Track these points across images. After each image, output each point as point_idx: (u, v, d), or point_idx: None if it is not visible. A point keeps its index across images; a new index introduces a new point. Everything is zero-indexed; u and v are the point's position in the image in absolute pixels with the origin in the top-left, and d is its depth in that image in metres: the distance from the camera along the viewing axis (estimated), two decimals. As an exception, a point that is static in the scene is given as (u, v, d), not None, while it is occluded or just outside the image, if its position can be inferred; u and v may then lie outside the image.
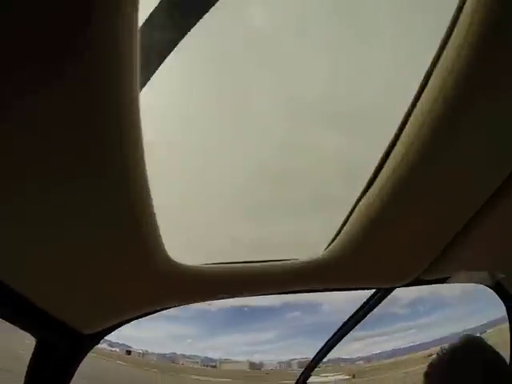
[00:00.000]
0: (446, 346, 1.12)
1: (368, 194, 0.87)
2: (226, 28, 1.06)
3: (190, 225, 1.36)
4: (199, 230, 1.44)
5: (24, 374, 1.01)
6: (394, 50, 1.04)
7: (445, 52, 0.58)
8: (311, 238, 1.43)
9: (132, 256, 0.79)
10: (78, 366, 1.08)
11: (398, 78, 1.02)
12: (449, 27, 0.56)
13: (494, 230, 0.99)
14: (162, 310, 1.12)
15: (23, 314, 0.84)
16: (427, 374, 1.11)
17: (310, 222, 1.39)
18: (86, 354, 1.09)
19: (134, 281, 0.90)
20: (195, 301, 1.13)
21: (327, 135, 1.23)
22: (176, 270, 0.91)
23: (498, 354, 1.08)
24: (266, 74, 1.13)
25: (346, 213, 0.99)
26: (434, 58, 0.60)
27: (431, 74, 0.61)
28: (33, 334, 0.97)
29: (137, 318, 1.09)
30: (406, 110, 0.70)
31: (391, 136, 0.78)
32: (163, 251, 0.83)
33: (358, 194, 0.93)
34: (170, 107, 1.08)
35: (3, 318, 0.84)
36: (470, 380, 1.03)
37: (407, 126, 0.71)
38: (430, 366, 1.11)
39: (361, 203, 0.90)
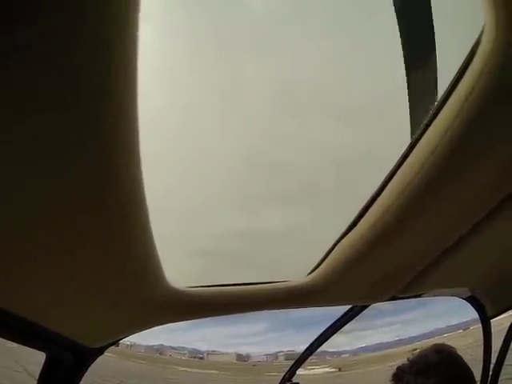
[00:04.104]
0: (418, 351, 1.11)
1: (356, 219, 0.91)
2: (222, 12, 1.01)
3: (178, 216, 1.35)
4: (189, 220, 1.44)
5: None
6: (393, 39, 1.01)
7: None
8: (299, 229, 1.43)
9: (133, 282, 0.84)
10: (83, 375, 1.13)
11: (398, 69, 1.00)
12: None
13: (475, 250, 1.03)
14: (162, 324, 1.18)
15: (35, 337, 0.89)
16: (396, 377, 1.10)
17: (299, 213, 1.40)
18: (91, 364, 1.13)
19: (137, 304, 0.95)
20: (193, 318, 1.20)
21: (320, 125, 1.19)
22: (174, 294, 0.98)
23: (468, 369, 1.08)
24: (259, 61, 1.09)
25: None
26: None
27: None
28: (43, 351, 1.02)
29: (141, 330, 1.15)
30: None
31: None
32: (163, 278, 0.87)
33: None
34: (159, 95, 1.02)
35: (12, 341, 0.87)
36: None
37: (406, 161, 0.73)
38: (400, 370, 1.10)
39: (348, 231, 0.94)
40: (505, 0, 0.43)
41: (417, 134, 0.66)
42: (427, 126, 0.64)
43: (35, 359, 1.17)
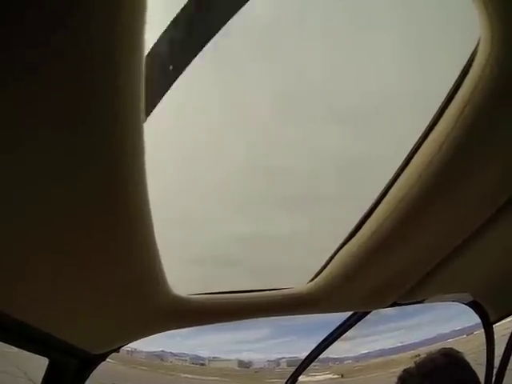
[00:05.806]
0: (425, 355, 1.10)
1: (357, 227, 0.92)
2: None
3: (178, 222, 1.35)
4: (190, 225, 1.44)
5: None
6: (395, 44, 1.00)
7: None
8: (301, 235, 1.43)
9: (136, 290, 0.84)
10: (86, 381, 1.13)
11: (400, 75, 0.99)
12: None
13: (476, 255, 1.04)
14: (165, 331, 1.18)
15: (38, 343, 0.89)
16: (401, 379, 1.09)
17: (301, 219, 1.40)
18: (93, 370, 1.14)
19: (140, 310, 0.96)
20: (195, 325, 1.20)
21: (321, 129, 1.19)
22: (177, 301, 0.99)
23: (475, 374, 1.08)
24: (259, 66, 1.09)
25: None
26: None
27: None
28: (46, 357, 1.03)
29: (143, 337, 1.15)
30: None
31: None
32: (166, 286, 0.88)
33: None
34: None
35: (16, 346, 0.87)
36: None
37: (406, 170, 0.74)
38: (406, 372, 1.09)
39: (350, 238, 0.95)
40: (499, 14, 0.44)
41: (416, 143, 0.67)
42: (426, 134, 0.65)
43: (36, 364, 1.17)
